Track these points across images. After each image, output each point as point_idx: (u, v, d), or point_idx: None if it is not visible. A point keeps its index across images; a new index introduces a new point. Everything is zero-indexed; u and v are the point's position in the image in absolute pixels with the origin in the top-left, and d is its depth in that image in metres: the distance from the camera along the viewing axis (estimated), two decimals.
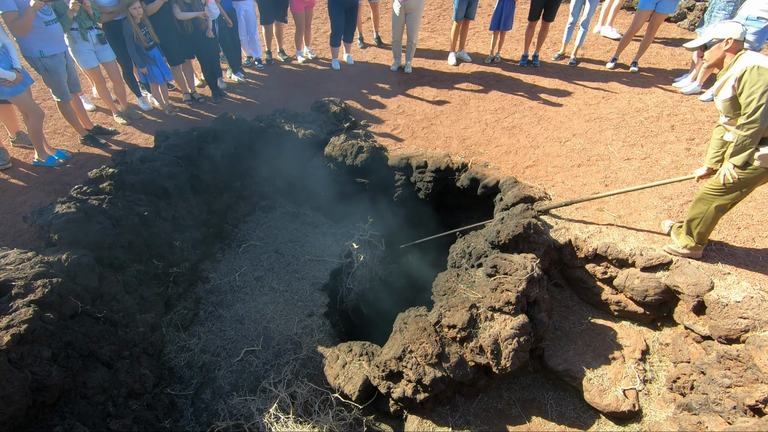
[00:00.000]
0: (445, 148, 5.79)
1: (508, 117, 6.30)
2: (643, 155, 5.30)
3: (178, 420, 3.75)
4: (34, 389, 2.36)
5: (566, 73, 7.35)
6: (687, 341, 3.67)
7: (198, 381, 4.12)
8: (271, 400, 3.81)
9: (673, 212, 4.44)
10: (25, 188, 4.65)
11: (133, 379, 3.49)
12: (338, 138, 5.74)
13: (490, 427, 3.63)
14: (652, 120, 5.95)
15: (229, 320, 4.69)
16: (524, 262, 3.80)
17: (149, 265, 4.39)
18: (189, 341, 4.43)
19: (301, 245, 5.68)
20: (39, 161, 4.95)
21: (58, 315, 2.90)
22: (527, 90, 6.91)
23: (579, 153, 5.47)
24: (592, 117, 6.14)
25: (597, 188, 4.85)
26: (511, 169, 5.34)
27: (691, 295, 3.52)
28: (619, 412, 3.50)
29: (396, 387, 3.62)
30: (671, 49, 7.93)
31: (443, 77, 7.35)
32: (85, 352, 3.02)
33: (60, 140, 5.51)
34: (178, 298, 4.66)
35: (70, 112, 5.12)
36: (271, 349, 4.43)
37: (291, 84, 7.16)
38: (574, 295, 4.45)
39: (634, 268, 3.97)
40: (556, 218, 4.58)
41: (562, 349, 3.94)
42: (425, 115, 6.44)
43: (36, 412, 2.41)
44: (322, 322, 4.76)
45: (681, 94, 6.51)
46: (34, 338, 2.54)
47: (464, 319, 3.54)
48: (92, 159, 5.15)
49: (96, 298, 3.58)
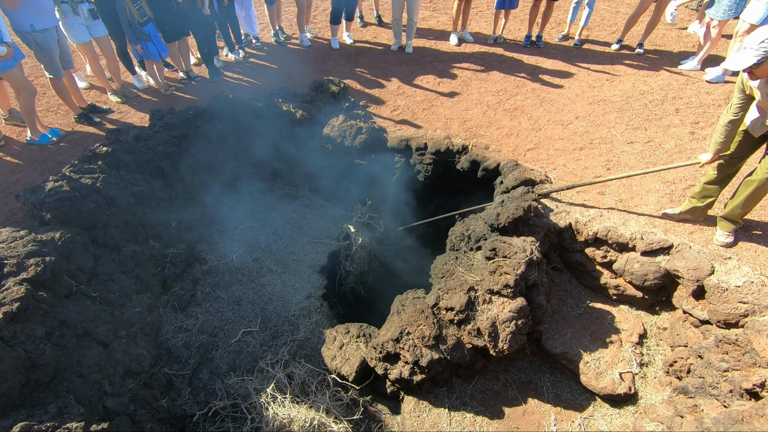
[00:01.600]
0: (446, 130, 5.70)
1: (510, 99, 6.19)
2: (646, 139, 5.22)
3: (175, 399, 3.76)
4: (28, 367, 2.34)
5: (570, 54, 7.20)
6: (685, 325, 3.66)
7: (195, 361, 4.12)
8: (268, 380, 3.81)
9: (675, 197, 4.39)
10: (18, 166, 4.58)
11: (129, 358, 3.49)
12: (337, 119, 5.64)
13: (486, 408, 3.65)
14: (657, 103, 5.84)
15: (226, 301, 4.68)
16: (524, 245, 3.76)
17: (145, 245, 4.35)
18: (186, 322, 4.42)
19: (299, 227, 5.64)
20: (32, 139, 4.86)
21: (52, 294, 2.87)
22: (530, 71, 6.77)
23: (581, 136, 5.39)
24: (596, 99, 6.03)
25: (599, 172, 4.78)
26: (512, 152, 5.27)
27: (691, 280, 3.50)
28: (615, 394, 3.52)
29: (393, 368, 3.62)
30: (678, 31, 7.76)
31: (445, 57, 7.20)
32: (81, 332, 3.00)
33: (53, 118, 5.41)
34: (175, 279, 4.63)
35: (63, 89, 5.01)
36: (268, 331, 4.43)
37: (289, 63, 7.01)
38: (572, 279, 4.43)
39: (634, 252, 3.94)
40: (556, 202, 4.53)
41: (560, 332, 3.93)
42: (426, 96, 6.32)
43: (30, 390, 2.40)
44: (320, 304, 4.74)
45: (686, 77, 6.38)
46: (26, 317, 2.52)
47: (462, 301, 3.52)
48: (86, 137, 5.06)
49: (91, 277, 3.55)
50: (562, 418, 3.59)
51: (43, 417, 2.18)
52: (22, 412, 2.19)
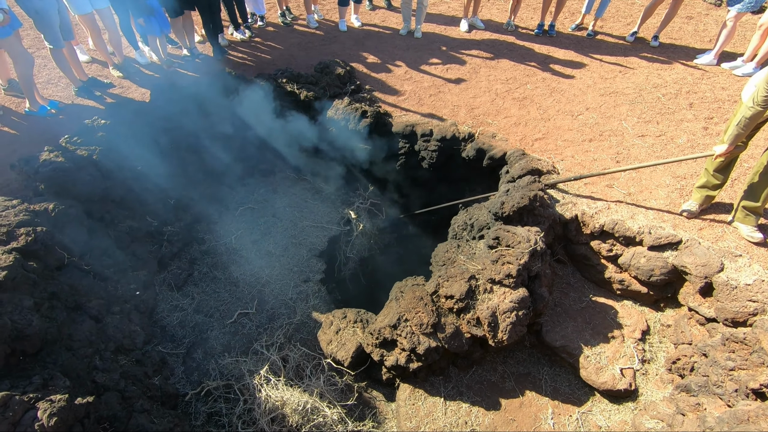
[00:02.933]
0: (453, 117, 5.57)
1: (519, 87, 6.04)
2: (658, 132, 5.08)
3: (168, 377, 3.71)
4: (14, 338, 2.28)
5: (582, 44, 7.02)
6: (690, 323, 3.57)
7: (190, 340, 4.07)
8: (263, 362, 3.76)
9: (686, 192, 4.27)
10: (16, 137, 4.49)
11: (122, 334, 3.43)
12: (342, 101, 5.52)
13: (482, 399, 3.59)
14: (670, 97, 5.69)
15: (223, 282, 4.62)
16: (528, 235, 3.67)
17: (142, 221, 4.28)
18: (182, 301, 4.37)
19: (299, 210, 5.56)
20: (30, 111, 4.77)
21: (43, 264, 2.80)
22: (541, 61, 6.61)
23: (591, 127, 5.26)
24: (607, 91, 5.88)
25: (608, 164, 4.66)
26: (520, 141, 5.15)
27: (699, 276, 3.40)
28: (615, 390, 3.44)
29: (389, 355, 3.55)
30: (695, 24, 7.55)
31: (454, 44, 7.04)
32: (72, 305, 2.94)
33: (53, 90, 5.31)
34: (172, 258, 4.57)
35: (63, 60, 4.90)
36: (264, 313, 4.37)
37: (295, 44, 6.87)
38: (576, 272, 4.34)
39: (641, 247, 3.84)
40: (563, 193, 4.42)
41: (561, 325, 3.85)
42: (433, 82, 6.18)
43: (17, 361, 2.34)
44: (318, 289, 4.68)
45: (702, 71, 6.20)
46: (14, 286, 2.45)
47: (462, 290, 3.44)
48: (86, 111, 4.95)
49: (85, 251, 3.48)
50: (560, 411, 3.52)
51: (27, 388, 2.12)
52: (5, 383, 2.14)
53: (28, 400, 2.00)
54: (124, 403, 2.82)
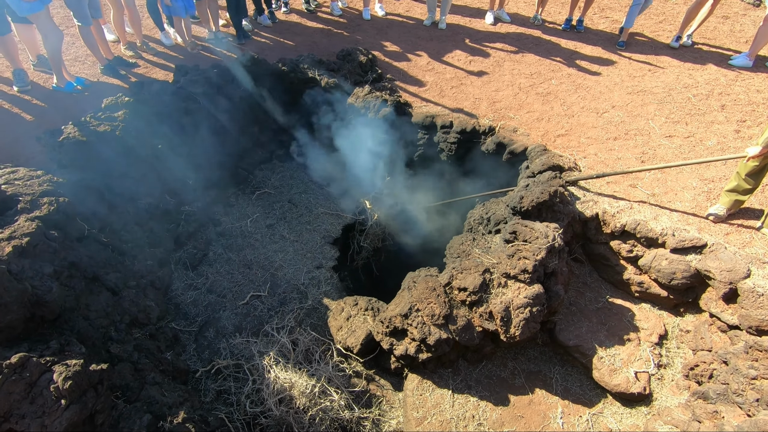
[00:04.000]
0: (474, 110, 5.49)
1: (543, 83, 5.92)
2: (686, 133, 4.92)
3: (180, 354, 3.76)
4: (33, 303, 2.33)
5: (611, 41, 6.82)
6: (711, 329, 3.47)
7: (203, 319, 4.12)
8: (273, 344, 3.78)
9: (713, 195, 4.13)
10: (43, 111, 4.58)
11: (137, 308, 3.48)
12: (362, 89, 5.48)
13: (491, 394, 3.54)
14: (701, 98, 5.50)
15: (237, 264, 4.66)
16: (546, 231, 3.59)
17: (161, 200, 4.33)
18: (196, 280, 4.42)
19: (315, 197, 5.56)
20: (58, 86, 4.86)
21: (64, 234, 2.85)
22: (567, 56, 6.46)
23: (616, 126, 5.12)
24: (635, 90, 5.71)
25: (632, 164, 4.53)
26: (542, 137, 5.04)
27: (724, 282, 3.28)
28: (629, 393, 3.37)
29: (399, 344, 3.53)
30: (731, 24, 7.27)
31: (478, 36, 6.92)
32: (90, 275, 2.99)
33: (80, 68, 5.40)
34: (188, 237, 4.62)
35: (91, 38, 4.97)
36: (276, 296, 4.39)
37: (318, 31, 6.84)
38: (593, 272, 4.24)
39: (663, 249, 3.73)
40: (584, 191, 4.32)
41: (575, 324, 3.78)
42: (455, 74, 6.09)
43: (35, 326, 2.39)
44: (330, 275, 4.68)
45: (736, 73, 5.98)
46: (36, 253, 2.50)
47: (476, 282, 3.39)
48: (110, 89, 5.03)
49: (105, 225, 3.54)
50: (570, 411, 3.46)
51: (44, 351, 2.16)
52: (24, 345, 2.19)
53: (44, 363, 2.04)
54: (136, 374, 2.87)
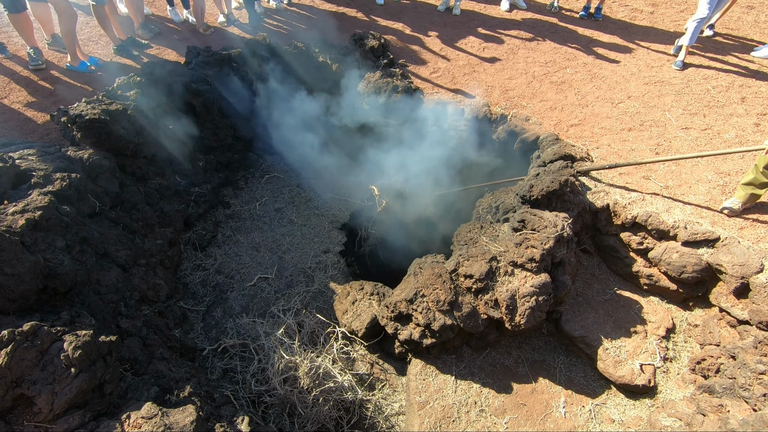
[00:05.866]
0: (486, 98, 5.41)
1: (558, 71, 5.81)
2: (704, 126, 4.80)
3: (188, 332, 3.83)
4: (46, 275, 2.38)
5: (629, 30, 6.65)
6: (720, 324, 3.42)
7: (210, 299, 4.18)
8: (279, 325, 3.83)
9: (729, 189, 4.04)
10: (56, 90, 4.62)
11: (147, 286, 3.54)
12: (373, 74, 5.43)
13: (494, 381, 3.55)
14: (721, 90, 5.35)
15: (245, 246, 4.70)
16: (555, 220, 3.56)
17: (171, 180, 4.37)
18: (205, 261, 4.48)
19: (324, 182, 5.57)
20: (71, 66, 4.89)
21: (76, 210, 2.90)
22: (584, 45, 6.32)
23: (632, 116, 5.02)
24: (653, 80, 5.58)
25: (646, 155, 4.45)
26: (554, 126, 4.97)
27: (736, 276, 3.23)
28: (633, 385, 3.35)
29: (404, 329, 3.55)
30: (756, 15, 7.04)
31: (493, 23, 6.80)
32: (101, 251, 3.04)
33: (94, 48, 5.43)
34: (197, 218, 4.67)
35: (105, 17, 4.98)
36: (283, 279, 4.43)
37: (330, 14, 6.77)
38: (602, 264, 4.20)
39: (674, 242, 3.67)
40: (595, 181, 4.26)
41: (581, 315, 3.76)
42: (468, 60, 6.00)
43: (48, 298, 2.45)
44: (337, 260, 4.71)
45: (758, 65, 5.80)
46: (48, 226, 2.55)
47: (482, 270, 3.38)
48: (123, 69, 5.05)
49: (116, 203, 3.59)
50: (573, 401, 3.46)
51: (55, 322, 2.22)
52: (36, 316, 2.24)
53: (55, 332, 2.09)
54: (145, 349, 2.92)
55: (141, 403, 2.17)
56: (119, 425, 2.01)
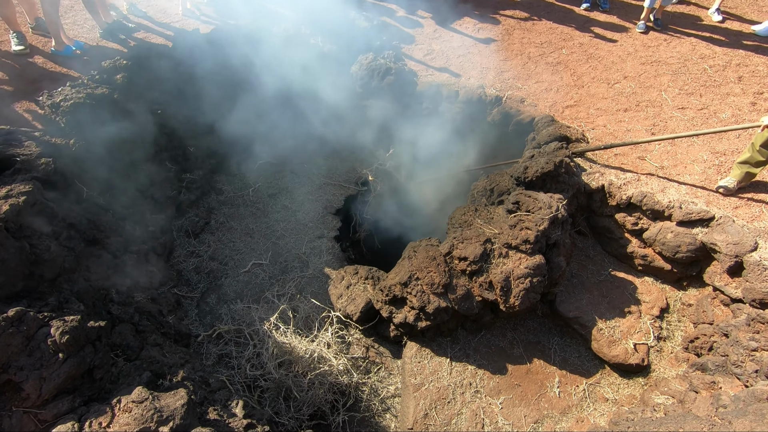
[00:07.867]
0: (481, 80, 5.34)
1: (554, 52, 5.72)
2: (700, 105, 4.76)
3: (182, 319, 3.81)
4: (32, 261, 2.34)
5: (627, 9, 6.55)
6: (714, 303, 3.43)
7: (204, 286, 4.16)
8: (273, 310, 3.81)
9: (724, 169, 4.02)
10: (41, 75, 4.52)
11: (139, 272, 3.51)
12: (366, 57, 5.34)
13: (489, 363, 3.57)
14: (718, 69, 5.30)
15: (239, 232, 4.66)
16: (549, 202, 3.53)
17: (161, 166, 4.30)
18: (198, 248, 4.44)
19: (317, 168, 5.51)
20: (56, 50, 4.77)
21: (62, 196, 2.84)
22: (581, 24, 6.22)
23: (627, 97, 4.96)
24: (649, 60, 5.51)
25: (642, 136, 4.41)
26: (550, 108, 4.91)
27: (730, 255, 3.23)
28: (626, 364, 3.37)
29: (398, 312, 3.55)
30: None
31: (488, 3, 6.67)
32: (90, 238, 3.00)
33: (79, 32, 5.29)
34: (190, 205, 4.62)
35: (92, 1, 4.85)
36: (278, 265, 4.41)
37: None
38: (597, 245, 4.20)
39: (669, 222, 3.66)
40: (591, 162, 4.23)
41: (576, 296, 3.76)
42: (463, 42, 5.90)
43: (35, 284, 2.41)
44: (332, 245, 4.68)
45: (756, 44, 5.73)
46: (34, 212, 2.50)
47: (477, 252, 3.37)
48: (110, 53, 4.93)
49: (105, 189, 3.53)
50: (567, 381, 3.49)
51: (42, 308, 2.19)
52: (23, 302, 2.21)
53: (42, 318, 2.07)
54: (137, 335, 2.90)
55: (132, 388, 2.16)
56: (109, 409, 1.99)
